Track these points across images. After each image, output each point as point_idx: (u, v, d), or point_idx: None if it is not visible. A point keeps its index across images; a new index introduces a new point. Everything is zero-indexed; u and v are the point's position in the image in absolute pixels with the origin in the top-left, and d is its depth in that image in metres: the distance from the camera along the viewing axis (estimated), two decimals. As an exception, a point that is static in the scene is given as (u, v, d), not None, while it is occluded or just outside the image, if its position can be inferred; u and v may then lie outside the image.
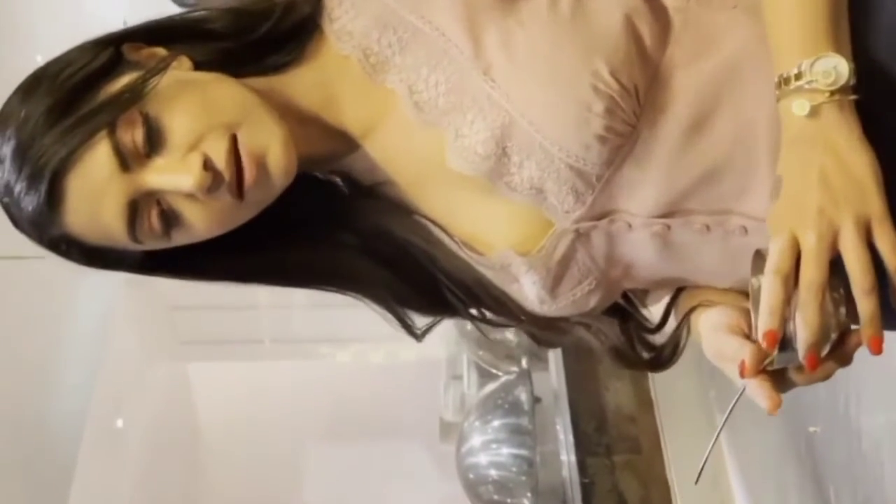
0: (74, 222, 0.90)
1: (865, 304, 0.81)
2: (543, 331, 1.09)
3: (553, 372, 3.47)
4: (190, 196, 0.89)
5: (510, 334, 3.84)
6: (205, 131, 0.89)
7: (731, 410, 0.93)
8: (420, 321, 1.10)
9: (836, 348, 0.86)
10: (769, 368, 0.88)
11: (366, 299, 1.06)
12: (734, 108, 0.91)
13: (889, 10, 0.91)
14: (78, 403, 5.33)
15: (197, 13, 0.98)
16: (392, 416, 6.03)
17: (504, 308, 1.06)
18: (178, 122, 0.89)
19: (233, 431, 6.43)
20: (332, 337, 6.38)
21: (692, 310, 1.04)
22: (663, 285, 1.07)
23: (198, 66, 0.95)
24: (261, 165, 0.90)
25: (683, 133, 0.91)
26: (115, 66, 0.92)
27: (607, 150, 0.90)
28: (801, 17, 0.86)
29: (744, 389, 0.89)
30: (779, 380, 0.88)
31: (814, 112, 0.83)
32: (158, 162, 0.89)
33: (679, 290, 1.08)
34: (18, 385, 4.97)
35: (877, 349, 0.83)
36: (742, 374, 0.88)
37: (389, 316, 1.07)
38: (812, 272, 0.82)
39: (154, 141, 0.88)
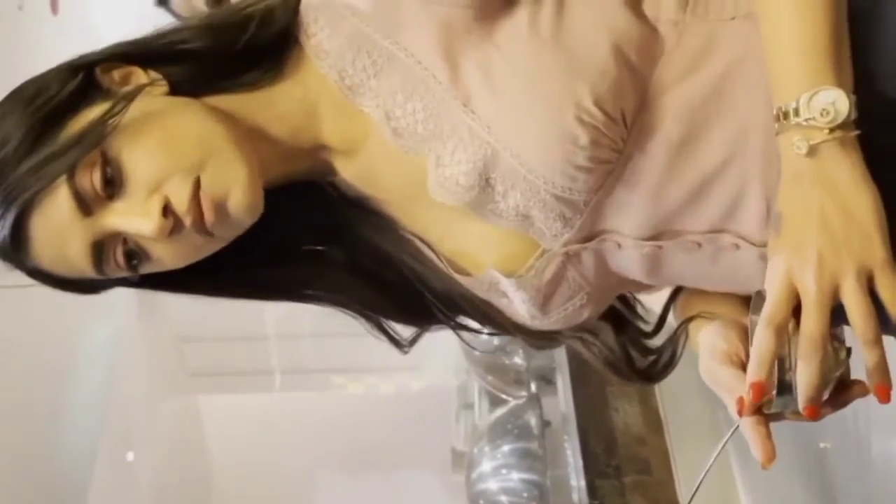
0: (41, 258, 0.89)
1: (871, 354, 0.80)
2: (538, 340, 1.08)
3: (561, 395, 3.45)
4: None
5: (518, 359, 3.83)
6: (166, 175, 0.87)
7: (724, 444, 0.91)
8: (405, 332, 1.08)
9: (835, 393, 0.85)
10: (765, 410, 0.86)
11: (349, 312, 1.05)
12: (724, 125, 0.89)
13: (890, 34, 0.88)
14: (89, 436, 5.32)
15: (173, 30, 0.96)
16: (404, 447, 6.00)
17: (493, 322, 1.05)
18: (139, 163, 0.87)
19: (244, 463, 6.41)
20: (343, 367, 6.37)
21: (691, 318, 1.03)
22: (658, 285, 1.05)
23: (175, 86, 0.92)
24: (221, 208, 0.88)
25: (672, 152, 0.89)
26: (84, 94, 0.89)
27: (593, 178, 0.88)
28: (800, 48, 0.82)
29: (738, 425, 0.88)
30: (772, 414, 0.87)
31: (812, 151, 0.80)
32: (119, 204, 0.87)
33: (678, 288, 1.07)
34: (28, 417, 4.97)
35: (885, 398, 0.81)
36: (739, 413, 0.86)
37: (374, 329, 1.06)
38: (813, 324, 0.80)
39: (114, 183, 0.87)
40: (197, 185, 0.87)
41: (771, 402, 0.85)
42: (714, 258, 0.93)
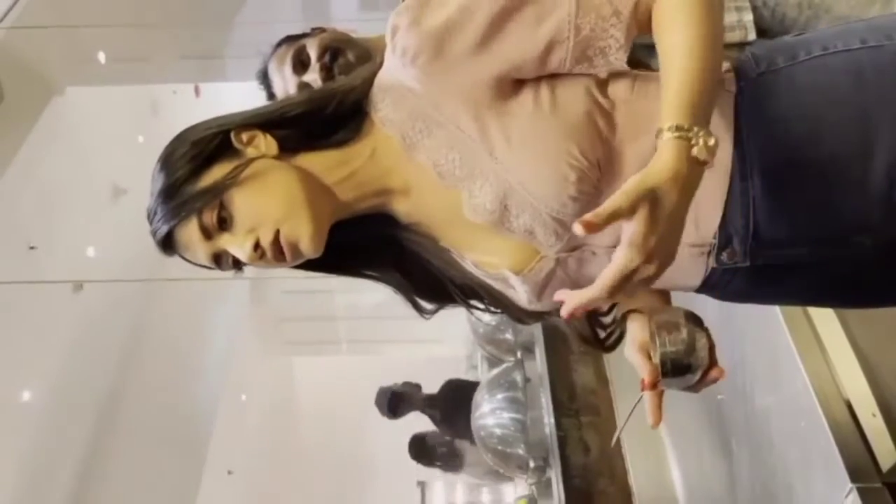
0: (185, 255, 0.93)
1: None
2: (528, 318, 1.06)
3: (538, 360, 3.41)
4: None
5: (509, 335, 3.80)
6: (259, 223, 0.89)
7: (634, 408, 0.95)
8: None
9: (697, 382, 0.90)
10: (659, 388, 0.91)
11: (395, 290, 1.04)
12: None
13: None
14: (215, 383, 5.34)
15: (282, 103, 0.96)
16: (430, 395, 5.97)
17: (501, 304, 1.02)
18: (243, 212, 0.90)
19: (320, 403, 6.42)
20: (388, 339, 6.37)
21: (628, 312, 1.03)
22: None
23: (283, 145, 0.92)
24: (294, 248, 0.90)
25: None
26: (221, 149, 0.91)
27: (578, 205, 0.87)
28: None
29: (642, 396, 0.92)
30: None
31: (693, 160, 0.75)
32: (228, 235, 0.90)
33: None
34: (176, 369, 4.99)
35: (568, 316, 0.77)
36: (642, 389, 0.91)
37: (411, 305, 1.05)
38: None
39: (226, 221, 0.90)
40: (278, 233, 0.89)
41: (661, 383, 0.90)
42: None
